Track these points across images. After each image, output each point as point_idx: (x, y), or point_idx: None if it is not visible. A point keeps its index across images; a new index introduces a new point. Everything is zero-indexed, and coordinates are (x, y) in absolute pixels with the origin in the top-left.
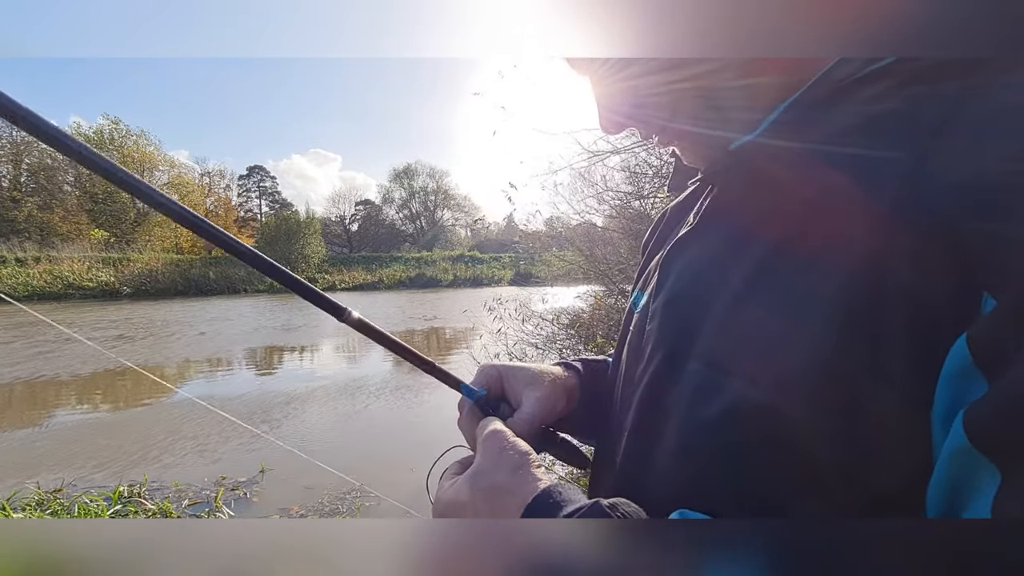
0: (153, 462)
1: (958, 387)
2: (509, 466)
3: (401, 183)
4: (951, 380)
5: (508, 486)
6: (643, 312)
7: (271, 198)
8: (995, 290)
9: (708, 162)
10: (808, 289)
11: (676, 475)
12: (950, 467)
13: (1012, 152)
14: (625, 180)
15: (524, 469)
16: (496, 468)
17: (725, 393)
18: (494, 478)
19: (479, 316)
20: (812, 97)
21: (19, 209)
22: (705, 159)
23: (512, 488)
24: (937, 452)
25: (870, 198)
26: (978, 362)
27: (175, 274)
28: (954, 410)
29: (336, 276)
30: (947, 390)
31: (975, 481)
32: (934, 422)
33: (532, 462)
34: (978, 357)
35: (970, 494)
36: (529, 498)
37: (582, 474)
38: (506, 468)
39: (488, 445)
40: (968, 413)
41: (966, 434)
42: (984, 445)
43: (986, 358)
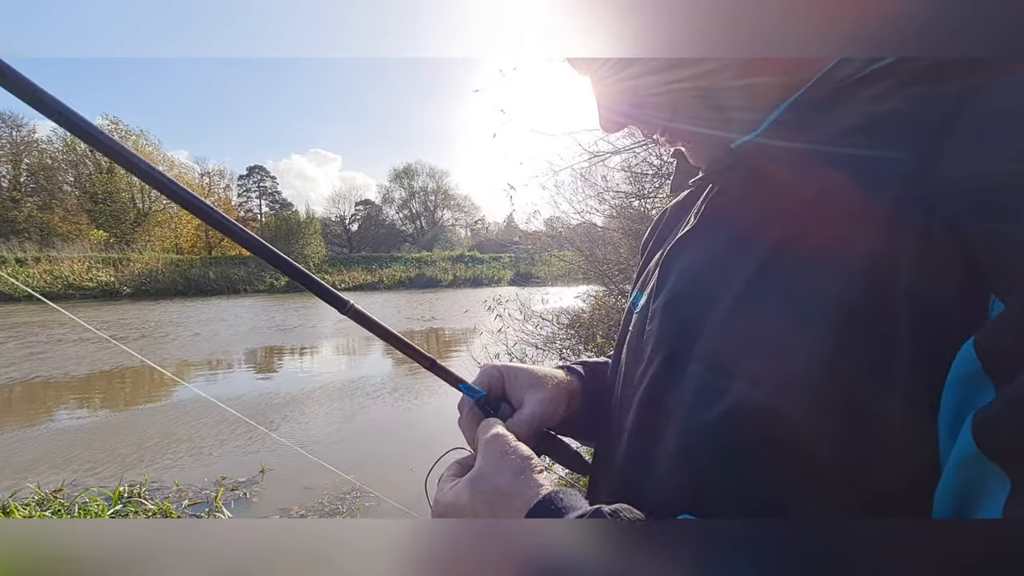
0: (148, 465)
1: (965, 392)
2: (511, 470)
3: (401, 183)
4: (958, 385)
5: (510, 490)
6: (642, 313)
7: (271, 198)
8: (1003, 293)
9: (708, 161)
10: (810, 290)
11: (676, 477)
12: (958, 474)
13: (1016, 152)
14: (625, 180)
15: (526, 474)
16: (498, 472)
17: (726, 395)
18: (496, 482)
19: (479, 316)
20: (813, 97)
21: (19, 209)
22: (705, 158)
23: (514, 492)
24: (944, 457)
25: (871, 198)
26: (986, 367)
27: (175, 274)
28: (961, 415)
29: (336, 276)
30: (954, 395)
31: (984, 488)
32: (940, 427)
33: (534, 467)
34: (986, 362)
35: (979, 501)
36: (531, 503)
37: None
38: (508, 472)
39: (490, 448)
40: (976, 419)
41: (975, 440)
42: (993, 452)
43: (994, 363)
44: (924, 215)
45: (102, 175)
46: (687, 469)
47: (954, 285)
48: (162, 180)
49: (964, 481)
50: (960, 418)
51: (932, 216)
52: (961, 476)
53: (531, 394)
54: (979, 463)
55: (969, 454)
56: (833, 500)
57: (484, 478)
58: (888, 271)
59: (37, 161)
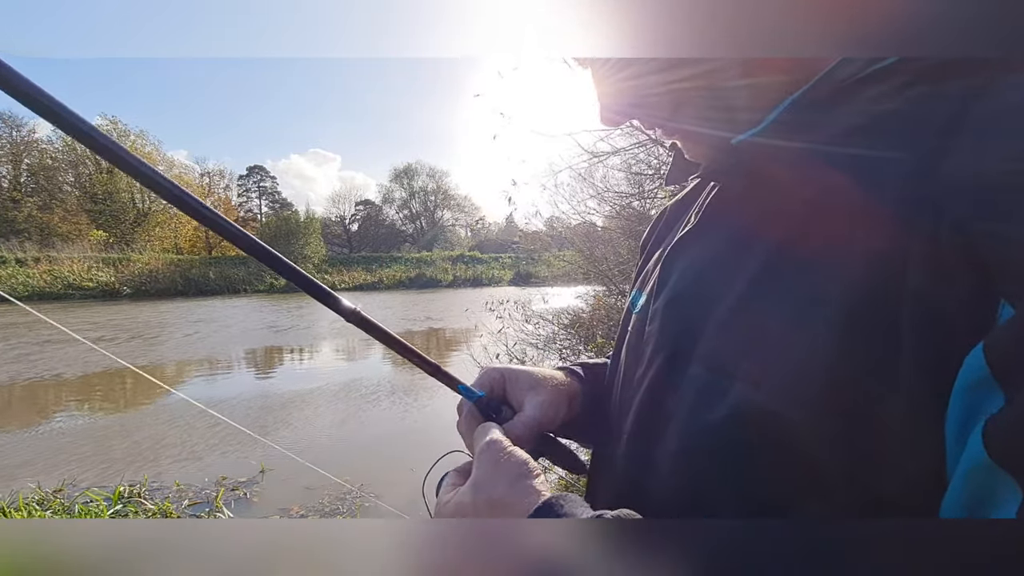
0: (147, 466)
1: (973, 399)
2: (507, 478)
3: (401, 183)
4: (966, 391)
5: (507, 499)
6: (642, 313)
7: (271, 198)
8: (1012, 297)
9: (707, 158)
10: (812, 291)
11: (677, 478)
12: (968, 482)
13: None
14: (625, 180)
15: (522, 481)
16: (494, 481)
17: (727, 396)
18: (492, 492)
19: (479, 317)
20: (814, 96)
21: (19, 209)
22: (704, 155)
23: (511, 501)
24: (951, 463)
25: (875, 199)
26: (995, 374)
27: (175, 274)
28: (969, 422)
29: (336, 276)
30: (962, 401)
31: (995, 498)
32: (947, 433)
33: (531, 472)
34: (995, 368)
35: (990, 510)
36: (530, 510)
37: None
38: (504, 481)
39: (485, 456)
40: (987, 428)
41: (986, 449)
42: (1005, 461)
43: (1003, 369)
44: (931, 217)
45: (102, 175)
46: (687, 471)
47: (963, 288)
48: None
49: (974, 490)
50: (968, 424)
51: (940, 218)
52: (971, 485)
53: (531, 396)
54: (990, 472)
55: (980, 463)
56: (834, 502)
57: (481, 488)
58: (893, 272)
59: (37, 161)
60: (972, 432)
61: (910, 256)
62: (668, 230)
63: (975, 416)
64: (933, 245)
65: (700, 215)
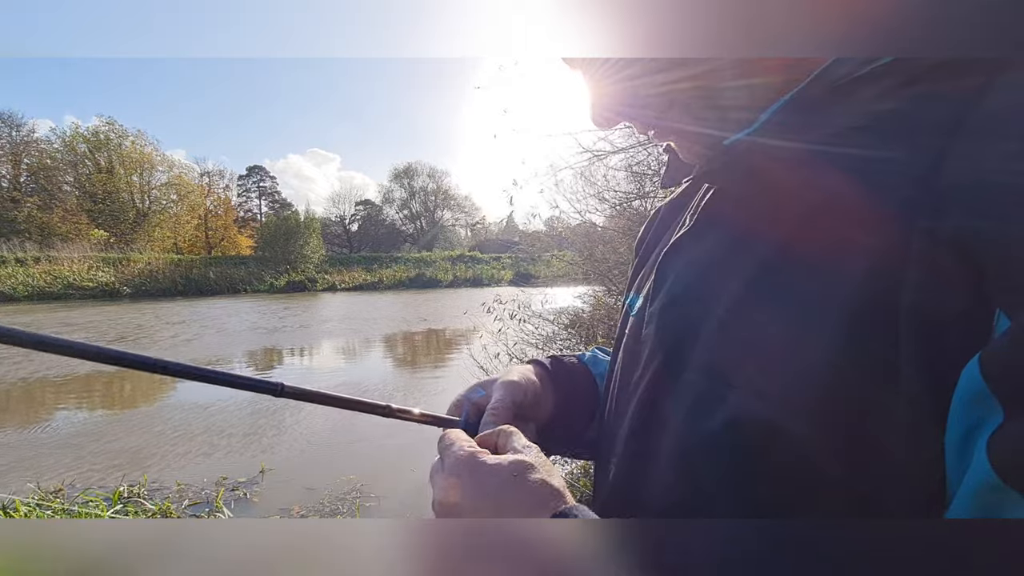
0: (147, 466)
1: (973, 413)
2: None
3: (401, 183)
4: (965, 405)
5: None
6: (639, 315)
7: (271, 198)
8: (1008, 308)
9: (701, 159)
10: (810, 295)
11: (675, 483)
12: (975, 501)
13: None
14: (626, 179)
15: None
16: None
17: (725, 403)
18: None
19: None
20: (808, 96)
21: (19, 209)
22: (698, 155)
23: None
24: (952, 476)
25: (873, 200)
26: (992, 388)
27: (175, 274)
28: (970, 436)
29: (336, 276)
30: (961, 415)
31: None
32: (947, 447)
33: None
34: (991, 382)
35: None
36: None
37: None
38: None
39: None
40: (993, 446)
41: (994, 469)
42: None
43: (999, 384)
44: (930, 220)
45: (102, 175)
46: (686, 476)
47: (961, 295)
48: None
49: (983, 508)
50: (969, 438)
51: (938, 221)
52: (979, 503)
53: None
54: (998, 491)
55: (987, 482)
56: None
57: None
58: (893, 275)
59: (37, 161)
60: (976, 448)
61: (909, 259)
62: (664, 231)
63: (976, 430)
64: (932, 248)
65: (696, 217)
